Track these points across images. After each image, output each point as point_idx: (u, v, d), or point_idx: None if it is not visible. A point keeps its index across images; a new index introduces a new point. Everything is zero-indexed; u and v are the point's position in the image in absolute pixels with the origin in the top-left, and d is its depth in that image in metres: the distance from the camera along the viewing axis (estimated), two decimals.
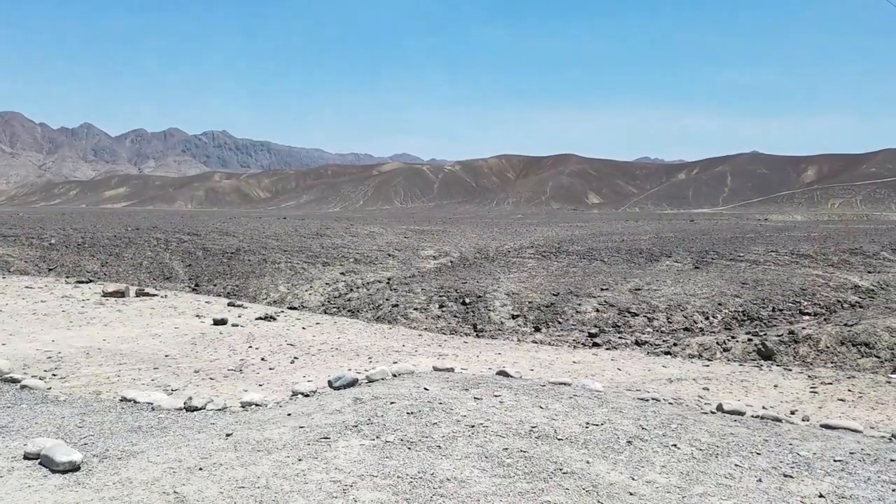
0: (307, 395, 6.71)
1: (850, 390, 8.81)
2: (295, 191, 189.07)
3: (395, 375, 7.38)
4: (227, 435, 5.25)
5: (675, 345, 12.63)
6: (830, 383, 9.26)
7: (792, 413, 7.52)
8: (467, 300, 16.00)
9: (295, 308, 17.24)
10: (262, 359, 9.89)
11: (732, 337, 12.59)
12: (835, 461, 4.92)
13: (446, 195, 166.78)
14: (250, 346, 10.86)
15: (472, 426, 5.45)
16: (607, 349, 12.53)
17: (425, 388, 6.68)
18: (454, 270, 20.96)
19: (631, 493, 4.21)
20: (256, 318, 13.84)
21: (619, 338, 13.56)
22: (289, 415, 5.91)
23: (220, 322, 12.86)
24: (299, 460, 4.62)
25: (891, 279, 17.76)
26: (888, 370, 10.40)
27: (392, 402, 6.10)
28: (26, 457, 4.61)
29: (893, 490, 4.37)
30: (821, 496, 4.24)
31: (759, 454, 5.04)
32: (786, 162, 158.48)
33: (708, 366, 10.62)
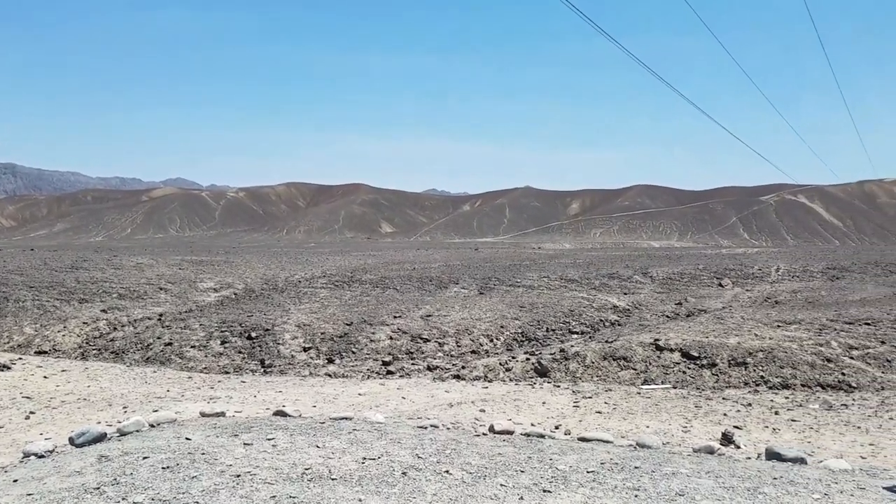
0: (42, 457, 5.74)
1: (606, 402, 9.69)
2: (47, 218, 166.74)
3: (152, 426, 6.61)
4: None
5: (463, 368, 13.06)
6: (591, 397, 10.12)
7: (556, 428, 8.04)
8: (253, 334, 15.15)
9: (45, 352, 15.01)
10: None
11: (513, 357, 13.33)
12: (587, 472, 5.28)
13: (230, 223, 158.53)
14: None
15: (238, 476, 5.01)
16: (400, 377, 12.59)
17: (187, 438, 6.05)
18: (238, 303, 19.82)
19: None
20: None
21: (413, 364, 13.71)
22: (15, 481, 5.01)
23: None
24: None
25: (642, 299, 20.24)
26: (641, 381, 11.68)
27: (145, 457, 5.42)
28: None
29: (636, 496, 4.77)
30: None
31: (522, 472, 5.25)
32: (555, 196, 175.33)
33: (487, 387, 11.08)
